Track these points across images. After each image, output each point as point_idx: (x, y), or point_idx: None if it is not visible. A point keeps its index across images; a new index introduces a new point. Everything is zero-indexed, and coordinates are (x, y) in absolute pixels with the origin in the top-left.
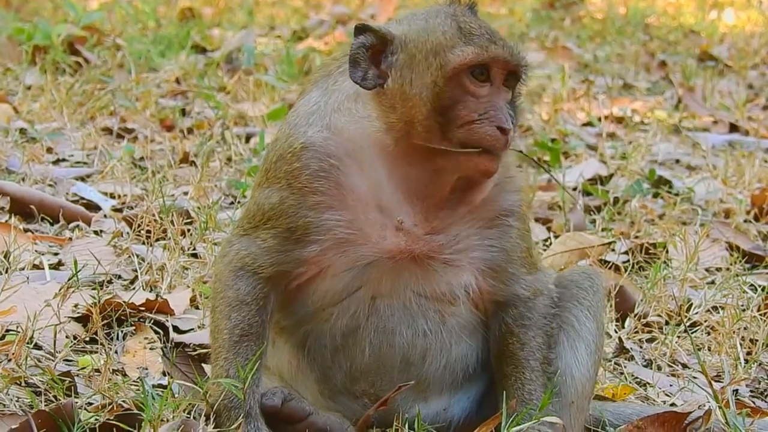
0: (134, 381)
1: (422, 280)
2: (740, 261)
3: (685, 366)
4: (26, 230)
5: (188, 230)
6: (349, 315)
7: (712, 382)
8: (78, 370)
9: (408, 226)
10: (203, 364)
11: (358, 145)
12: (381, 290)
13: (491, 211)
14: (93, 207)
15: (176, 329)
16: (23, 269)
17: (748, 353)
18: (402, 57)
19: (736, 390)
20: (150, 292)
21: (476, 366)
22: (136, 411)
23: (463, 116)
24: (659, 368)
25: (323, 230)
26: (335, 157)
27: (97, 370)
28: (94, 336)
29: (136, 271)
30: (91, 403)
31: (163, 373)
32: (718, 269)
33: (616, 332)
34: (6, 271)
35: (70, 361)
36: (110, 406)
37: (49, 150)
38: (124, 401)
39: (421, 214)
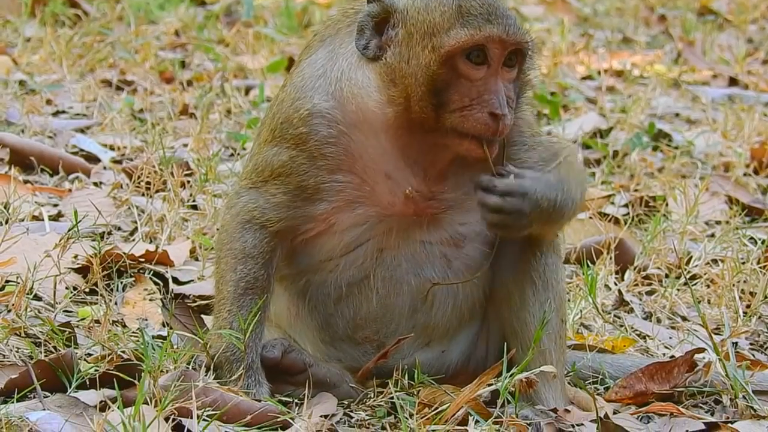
0: (134, 332)
1: (431, 229)
2: (740, 214)
3: (684, 318)
4: (26, 181)
5: (188, 182)
6: (356, 266)
7: (712, 334)
8: (78, 321)
9: (415, 195)
10: (203, 316)
11: (361, 117)
12: (389, 243)
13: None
14: (92, 158)
15: (176, 280)
16: (23, 220)
17: (748, 306)
18: (402, 33)
19: (736, 343)
20: (150, 243)
21: (482, 301)
22: (135, 362)
23: (456, 101)
24: (659, 321)
25: (334, 191)
26: (343, 123)
27: (97, 321)
28: (93, 287)
29: (135, 222)
30: (90, 354)
31: (163, 324)
32: (718, 222)
33: (615, 285)
34: (6, 222)
35: (70, 311)
36: (110, 357)
37: (49, 102)
38: (123, 352)
39: (424, 183)
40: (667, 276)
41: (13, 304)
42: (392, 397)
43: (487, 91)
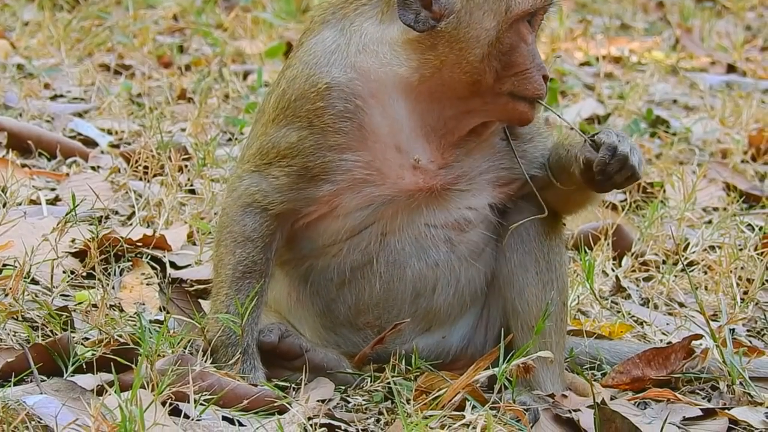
0: (131, 316)
1: (436, 211)
2: (737, 201)
3: (681, 305)
4: (23, 165)
5: (186, 166)
6: (360, 250)
7: (709, 320)
8: (75, 305)
9: (424, 163)
10: (200, 300)
11: (383, 85)
12: (393, 226)
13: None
14: (90, 143)
15: (173, 265)
16: (20, 204)
17: (745, 292)
18: (460, 1)
19: (733, 329)
20: (147, 227)
21: (484, 287)
22: (132, 346)
23: (519, 64)
24: (656, 307)
25: (341, 171)
26: (360, 97)
27: (94, 305)
28: (91, 271)
29: (133, 206)
30: (87, 338)
31: (160, 309)
32: (715, 209)
33: (613, 271)
34: (3, 206)
35: (67, 295)
36: (107, 341)
37: (47, 86)
38: (120, 336)
39: (438, 151)
40: (664, 262)
41: (10, 288)
42: (389, 383)
43: (536, 55)
